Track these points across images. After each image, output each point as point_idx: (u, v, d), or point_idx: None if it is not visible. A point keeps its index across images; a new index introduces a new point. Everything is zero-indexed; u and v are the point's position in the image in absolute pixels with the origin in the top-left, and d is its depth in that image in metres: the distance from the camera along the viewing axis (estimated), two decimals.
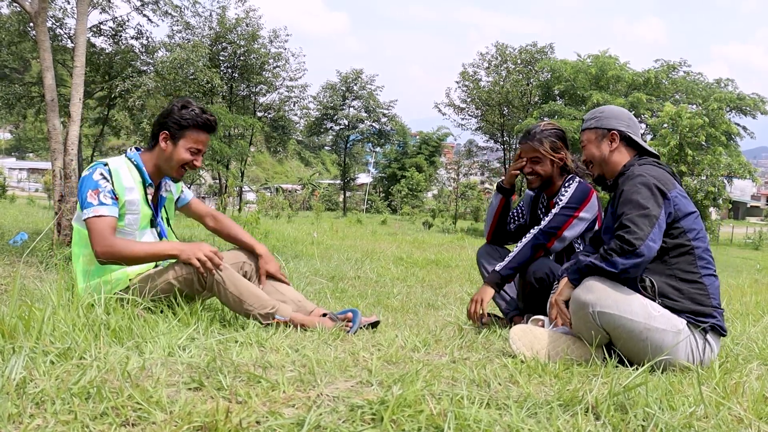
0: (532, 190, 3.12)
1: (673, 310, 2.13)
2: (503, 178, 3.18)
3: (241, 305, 2.46)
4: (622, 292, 2.11)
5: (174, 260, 2.49)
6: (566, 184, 2.93)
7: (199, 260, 2.40)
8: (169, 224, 2.74)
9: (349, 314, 2.63)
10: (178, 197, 2.86)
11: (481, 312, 2.81)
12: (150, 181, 2.60)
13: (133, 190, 2.53)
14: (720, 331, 2.19)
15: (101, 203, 2.41)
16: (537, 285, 2.77)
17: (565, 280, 2.31)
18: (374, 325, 2.66)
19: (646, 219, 2.11)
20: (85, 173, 2.50)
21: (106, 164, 2.51)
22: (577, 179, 2.93)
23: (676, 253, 2.18)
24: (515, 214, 3.26)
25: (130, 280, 2.52)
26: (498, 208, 3.18)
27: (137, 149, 2.63)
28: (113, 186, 2.46)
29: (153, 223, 2.63)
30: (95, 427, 1.25)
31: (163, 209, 2.72)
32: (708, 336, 2.15)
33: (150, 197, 2.61)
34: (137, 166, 2.58)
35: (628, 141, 2.41)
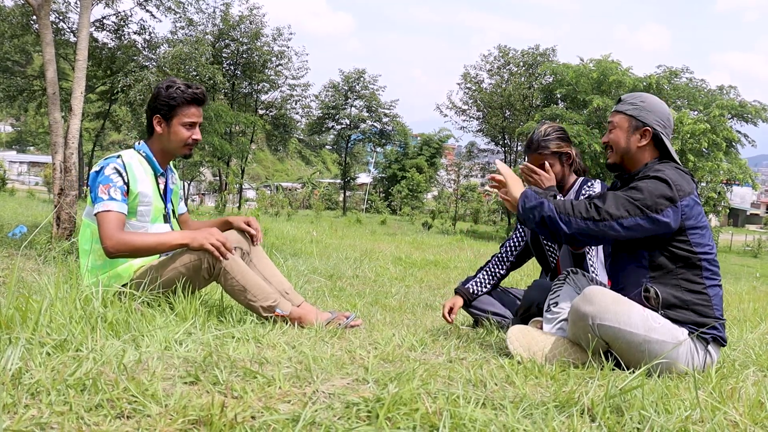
0: None
1: (675, 321, 2.11)
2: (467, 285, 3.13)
3: (245, 295, 2.47)
4: (622, 304, 2.08)
5: (180, 250, 2.49)
6: (588, 185, 2.85)
7: (212, 245, 2.41)
8: (175, 216, 2.76)
9: (348, 312, 2.65)
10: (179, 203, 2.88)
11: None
12: (161, 171, 2.63)
13: (146, 182, 2.55)
14: (721, 342, 2.18)
15: (111, 198, 2.42)
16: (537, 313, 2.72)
17: (521, 192, 2.30)
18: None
19: (630, 206, 2.09)
20: (96, 168, 2.50)
21: (119, 157, 2.52)
22: (598, 181, 2.87)
23: (683, 264, 2.13)
24: (512, 244, 3.16)
25: (134, 272, 2.52)
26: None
27: (144, 142, 2.64)
28: (128, 179, 2.47)
29: (166, 219, 2.65)
30: (90, 418, 1.25)
31: (170, 202, 2.73)
32: (709, 346, 2.14)
33: (161, 187, 2.63)
34: (147, 158, 2.61)
35: (656, 141, 2.29)
